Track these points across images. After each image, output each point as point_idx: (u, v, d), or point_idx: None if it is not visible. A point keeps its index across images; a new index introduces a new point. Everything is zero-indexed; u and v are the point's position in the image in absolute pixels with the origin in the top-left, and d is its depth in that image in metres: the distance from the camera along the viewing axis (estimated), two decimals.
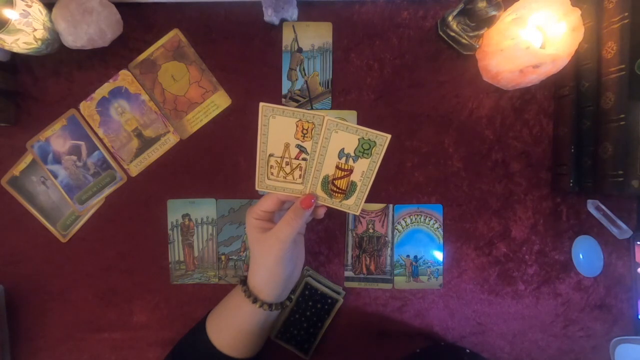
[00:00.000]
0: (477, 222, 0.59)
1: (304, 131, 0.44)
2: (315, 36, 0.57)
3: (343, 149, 0.45)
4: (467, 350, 0.53)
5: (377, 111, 0.58)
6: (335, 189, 0.47)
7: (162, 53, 0.57)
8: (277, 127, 0.44)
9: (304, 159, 0.46)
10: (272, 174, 0.46)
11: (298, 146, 0.45)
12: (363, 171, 0.46)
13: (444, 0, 0.57)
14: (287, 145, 0.45)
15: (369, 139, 0.44)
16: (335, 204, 0.48)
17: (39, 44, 0.51)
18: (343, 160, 0.45)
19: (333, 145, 0.44)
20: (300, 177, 0.46)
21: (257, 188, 0.47)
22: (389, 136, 0.43)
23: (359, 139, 0.44)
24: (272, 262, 0.46)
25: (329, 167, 0.46)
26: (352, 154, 0.45)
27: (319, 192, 0.47)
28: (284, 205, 0.49)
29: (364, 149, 0.44)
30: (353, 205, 0.48)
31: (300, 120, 0.43)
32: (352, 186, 0.46)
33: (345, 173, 0.46)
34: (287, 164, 0.46)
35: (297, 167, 0.46)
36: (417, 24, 0.57)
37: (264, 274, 0.47)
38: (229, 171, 0.58)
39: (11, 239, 0.58)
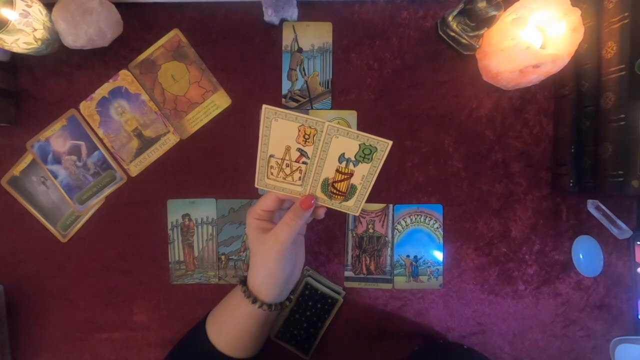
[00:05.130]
0: (477, 222, 0.59)
1: (306, 136, 0.44)
2: (315, 36, 0.57)
3: (343, 153, 0.44)
4: (465, 347, 0.53)
5: (377, 111, 0.58)
6: (335, 191, 0.47)
7: (162, 53, 0.57)
8: (279, 130, 0.43)
9: (304, 163, 0.45)
10: (271, 173, 0.46)
11: (299, 150, 0.45)
12: (363, 175, 0.45)
13: (444, 0, 0.57)
14: (288, 148, 0.45)
15: (370, 145, 0.43)
16: (335, 205, 0.48)
17: (39, 44, 0.51)
18: (343, 164, 0.45)
19: (333, 149, 0.44)
20: (299, 179, 0.46)
21: (256, 185, 0.47)
22: (390, 142, 0.43)
23: (359, 145, 0.43)
24: (271, 262, 0.46)
25: (329, 171, 0.46)
26: (353, 159, 0.44)
27: (319, 194, 0.47)
28: (283, 205, 0.49)
29: (365, 154, 0.44)
30: (353, 206, 0.47)
31: (302, 125, 0.43)
32: (352, 189, 0.46)
33: (346, 177, 0.46)
34: (287, 165, 0.46)
35: (297, 169, 0.46)
36: (417, 24, 0.57)
37: (263, 274, 0.47)
38: (229, 171, 0.58)
39: (11, 239, 0.58)
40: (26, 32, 0.48)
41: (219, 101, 0.58)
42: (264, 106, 0.42)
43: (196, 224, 0.58)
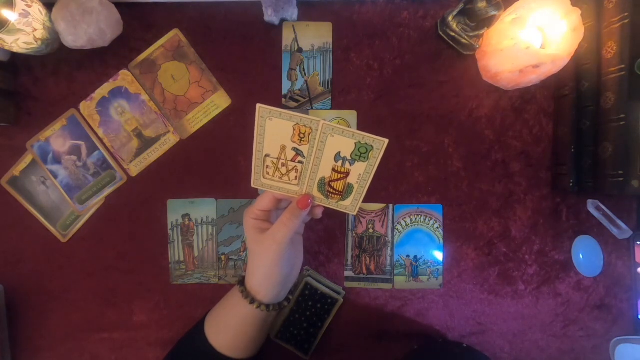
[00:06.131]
0: (477, 222, 0.59)
1: (301, 135, 0.43)
2: (315, 36, 0.57)
3: (339, 152, 0.44)
4: (465, 345, 0.53)
5: (377, 111, 0.58)
6: (331, 190, 0.46)
7: (162, 53, 0.57)
8: (273, 129, 0.43)
9: (300, 162, 0.45)
10: (267, 173, 0.46)
11: (295, 149, 0.44)
12: (360, 174, 0.45)
13: (444, 0, 0.57)
14: (283, 147, 0.44)
15: (366, 143, 0.43)
16: (332, 204, 0.48)
17: (39, 44, 0.51)
18: (339, 163, 0.45)
19: (329, 148, 0.44)
20: (296, 179, 0.46)
21: (252, 185, 0.47)
22: (387, 141, 0.43)
23: (355, 143, 0.43)
24: (269, 262, 0.45)
25: (325, 170, 0.45)
26: (349, 158, 0.44)
27: (316, 193, 0.47)
28: (280, 204, 0.49)
29: (361, 153, 0.44)
30: (350, 205, 0.47)
31: (297, 124, 0.43)
32: (349, 188, 0.46)
33: (342, 176, 0.45)
34: (283, 165, 0.45)
35: (293, 169, 0.46)
36: (417, 24, 0.57)
37: (261, 274, 0.47)
38: (229, 171, 0.58)
39: (11, 239, 0.58)
40: (26, 32, 0.48)
41: (219, 101, 0.58)
42: (258, 105, 0.42)
43: (196, 224, 0.58)
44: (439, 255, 0.58)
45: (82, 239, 0.58)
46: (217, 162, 0.58)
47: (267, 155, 0.45)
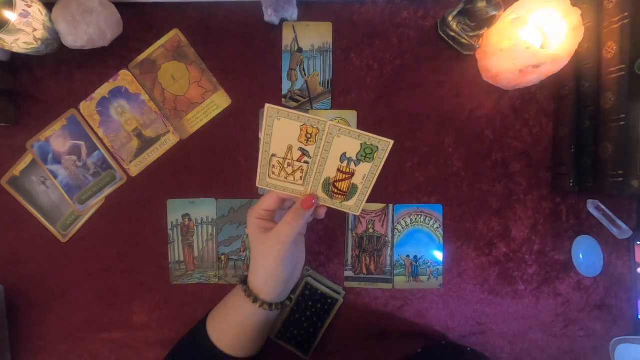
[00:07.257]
0: (477, 222, 0.59)
1: (308, 135, 0.44)
2: (315, 36, 0.57)
3: (345, 153, 0.44)
4: (469, 349, 0.53)
5: (377, 111, 0.58)
6: (336, 190, 0.47)
7: (162, 53, 0.57)
8: (281, 129, 0.44)
9: (305, 162, 0.45)
10: (273, 173, 0.46)
11: (301, 149, 0.45)
12: (365, 174, 0.45)
13: (444, 0, 0.57)
14: (290, 147, 0.45)
15: (372, 144, 0.44)
16: (336, 204, 0.48)
17: (39, 44, 0.51)
18: (345, 163, 0.45)
19: (335, 149, 0.44)
20: (301, 179, 0.46)
21: (257, 185, 0.47)
22: (392, 142, 0.43)
23: (361, 144, 0.44)
24: (272, 262, 0.46)
25: (330, 170, 0.46)
26: (354, 158, 0.45)
27: (320, 194, 0.47)
28: (284, 204, 0.49)
29: (366, 154, 0.44)
30: (354, 206, 0.48)
31: (305, 124, 0.43)
32: (353, 188, 0.46)
33: (347, 176, 0.46)
34: (288, 165, 0.46)
35: (298, 169, 0.46)
36: (417, 24, 0.57)
37: (264, 273, 0.47)
38: (229, 171, 0.58)
39: (11, 239, 0.58)
40: (26, 32, 0.48)
41: (219, 101, 0.58)
42: (267, 105, 0.42)
43: (196, 224, 0.58)
44: (439, 255, 0.58)
45: (82, 239, 0.58)
46: (217, 162, 0.58)
47: (273, 155, 0.45)
